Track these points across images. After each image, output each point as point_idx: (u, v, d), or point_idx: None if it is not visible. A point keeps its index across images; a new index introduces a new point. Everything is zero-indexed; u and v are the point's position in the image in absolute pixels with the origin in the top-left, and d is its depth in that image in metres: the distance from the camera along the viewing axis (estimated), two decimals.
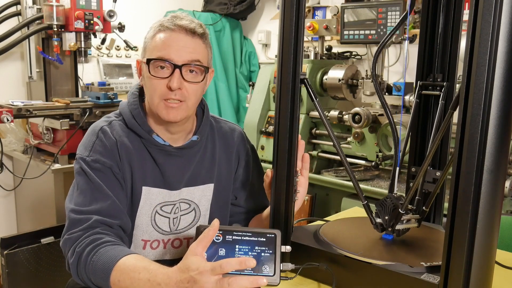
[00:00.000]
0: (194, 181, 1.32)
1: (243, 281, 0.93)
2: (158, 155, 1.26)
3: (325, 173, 2.73)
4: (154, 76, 1.20)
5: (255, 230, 1.12)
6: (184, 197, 1.32)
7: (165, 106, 1.21)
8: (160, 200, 1.28)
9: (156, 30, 1.22)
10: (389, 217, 1.13)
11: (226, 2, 3.77)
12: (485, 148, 0.83)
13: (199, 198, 1.34)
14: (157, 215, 1.29)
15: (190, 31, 1.20)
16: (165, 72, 1.20)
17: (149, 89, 1.23)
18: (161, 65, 1.20)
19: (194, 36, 1.21)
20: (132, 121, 1.26)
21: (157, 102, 1.21)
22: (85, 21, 2.64)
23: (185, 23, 1.20)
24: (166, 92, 1.20)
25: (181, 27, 1.20)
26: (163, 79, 1.20)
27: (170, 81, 1.19)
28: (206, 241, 0.98)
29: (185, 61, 1.20)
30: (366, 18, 2.62)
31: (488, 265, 0.91)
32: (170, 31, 1.20)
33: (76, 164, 1.25)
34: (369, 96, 2.55)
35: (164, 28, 1.21)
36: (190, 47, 1.20)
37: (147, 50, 1.24)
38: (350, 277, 1.07)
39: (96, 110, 2.61)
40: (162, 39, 1.20)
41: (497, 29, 0.80)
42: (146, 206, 1.27)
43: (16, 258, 2.27)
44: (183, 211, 1.32)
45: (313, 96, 1.15)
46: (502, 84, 0.82)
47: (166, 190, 1.28)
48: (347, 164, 1.16)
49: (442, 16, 1.22)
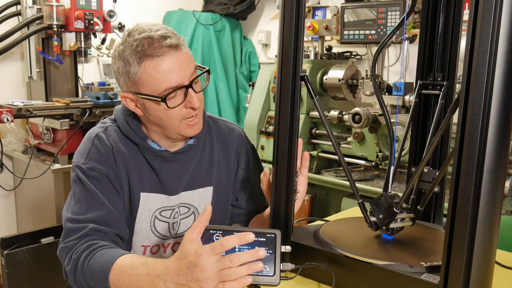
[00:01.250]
0: (193, 185, 1.32)
1: (245, 255, 0.94)
2: (154, 161, 1.26)
3: (325, 173, 2.73)
4: (173, 108, 1.17)
5: (255, 230, 1.12)
6: (183, 201, 1.32)
7: (187, 125, 1.21)
8: (159, 206, 1.28)
9: (139, 59, 1.13)
10: (383, 216, 1.13)
11: (226, 2, 3.77)
12: (485, 148, 0.83)
13: (198, 202, 1.34)
14: (157, 220, 1.29)
15: (174, 47, 1.15)
16: (179, 98, 1.17)
17: (165, 120, 1.19)
18: (174, 95, 1.16)
19: (178, 49, 1.16)
20: (126, 128, 1.26)
21: (177, 125, 1.20)
22: (85, 21, 2.64)
23: (169, 41, 1.14)
24: (187, 112, 1.19)
25: (170, 46, 1.14)
26: (180, 105, 1.17)
27: (188, 102, 1.17)
28: (201, 226, 0.97)
29: (189, 76, 1.17)
30: (366, 18, 2.62)
31: (488, 265, 0.91)
32: (165, 56, 1.13)
33: (72, 172, 1.24)
34: (369, 96, 2.55)
35: (150, 57, 1.13)
36: (185, 61, 1.17)
37: (143, 84, 1.16)
38: (350, 277, 1.07)
39: (96, 110, 2.61)
40: (159, 69, 1.13)
41: (497, 29, 0.80)
42: (145, 212, 1.27)
43: (16, 258, 2.27)
44: (183, 215, 1.32)
45: (312, 94, 1.15)
46: (502, 84, 0.82)
47: (164, 195, 1.28)
48: (343, 160, 1.16)
49: (442, 16, 1.22)
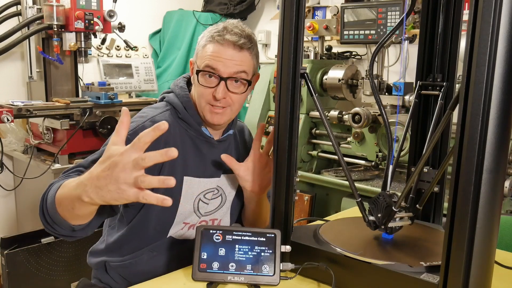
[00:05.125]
0: (229, 170, 1.38)
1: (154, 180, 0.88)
2: (203, 145, 1.34)
3: (325, 173, 2.73)
4: (201, 85, 1.28)
5: (255, 230, 1.12)
6: (219, 184, 1.38)
7: (210, 110, 1.30)
8: (202, 189, 1.34)
9: (207, 40, 1.28)
10: (382, 215, 1.13)
11: (226, 2, 3.77)
12: (485, 147, 0.83)
13: (228, 185, 1.41)
14: (201, 202, 1.35)
15: (238, 46, 1.26)
16: (212, 82, 1.28)
17: (197, 93, 1.31)
18: (209, 74, 1.27)
19: (242, 50, 1.27)
20: (184, 112, 1.33)
21: (203, 105, 1.30)
22: (85, 21, 2.64)
23: (234, 39, 1.26)
24: (211, 99, 1.28)
25: (230, 42, 1.26)
26: (210, 88, 1.27)
27: (215, 91, 1.27)
28: (124, 128, 0.94)
29: (231, 73, 1.27)
30: (366, 18, 2.62)
31: (487, 265, 0.91)
32: (220, 44, 1.26)
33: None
34: (369, 96, 2.54)
35: (214, 41, 1.27)
36: (237, 60, 1.27)
37: (198, 57, 1.31)
38: (350, 277, 1.07)
39: (96, 110, 2.61)
40: (212, 50, 1.26)
41: (497, 29, 0.80)
42: (187, 196, 1.32)
43: (16, 258, 2.27)
44: (215, 195, 1.39)
45: (312, 92, 1.15)
46: (502, 84, 0.82)
47: (207, 179, 1.35)
48: (341, 157, 1.16)
49: (442, 16, 1.23)
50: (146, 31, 3.79)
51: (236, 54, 1.27)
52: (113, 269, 1.35)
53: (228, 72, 1.26)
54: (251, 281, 1.07)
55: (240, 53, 1.27)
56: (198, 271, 1.08)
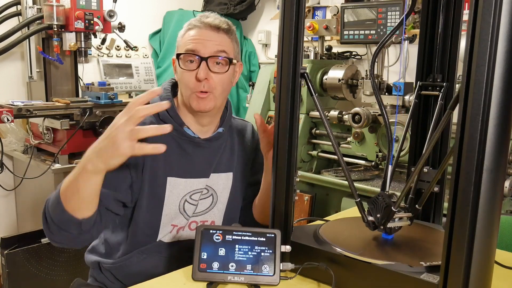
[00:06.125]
0: (219, 169, 1.39)
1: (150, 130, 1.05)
2: (188, 146, 1.34)
3: (325, 173, 2.73)
4: (184, 69, 1.31)
5: (255, 230, 1.12)
6: (208, 184, 1.37)
7: (196, 97, 1.31)
8: (188, 190, 1.34)
9: (186, 29, 1.34)
10: (381, 215, 1.13)
11: (226, 2, 3.77)
12: (485, 147, 0.83)
13: (219, 185, 1.40)
14: (186, 203, 1.34)
15: (215, 27, 1.30)
16: (193, 65, 1.30)
17: (181, 82, 1.34)
18: (190, 59, 1.30)
19: (219, 31, 1.31)
20: (164, 114, 1.33)
21: (188, 94, 1.31)
22: (85, 21, 2.64)
23: (210, 20, 1.31)
24: (195, 84, 1.29)
25: (207, 23, 1.30)
26: (192, 71, 1.29)
27: (198, 73, 1.28)
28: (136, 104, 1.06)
29: (211, 53, 1.29)
30: (366, 18, 2.62)
31: (487, 265, 0.90)
32: (198, 28, 1.31)
33: None
34: (369, 96, 2.54)
35: (192, 26, 1.32)
36: (216, 40, 1.30)
37: (179, 47, 1.34)
38: (350, 277, 1.07)
39: (97, 110, 2.61)
40: (191, 35, 1.31)
41: (497, 29, 0.80)
42: (172, 196, 1.31)
43: (16, 258, 2.27)
44: (203, 195, 1.38)
45: (312, 91, 1.15)
46: (502, 84, 0.82)
47: (193, 179, 1.34)
48: (340, 157, 1.16)
49: (442, 16, 1.23)
50: (146, 31, 3.79)
51: (215, 35, 1.30)
52: (106, 270, 1.36)
53: (208, 52, 1.28)
54: (251, 281, 1.07)
55: (219, 34, 1.31)
56: (198, 271, 1.08)
